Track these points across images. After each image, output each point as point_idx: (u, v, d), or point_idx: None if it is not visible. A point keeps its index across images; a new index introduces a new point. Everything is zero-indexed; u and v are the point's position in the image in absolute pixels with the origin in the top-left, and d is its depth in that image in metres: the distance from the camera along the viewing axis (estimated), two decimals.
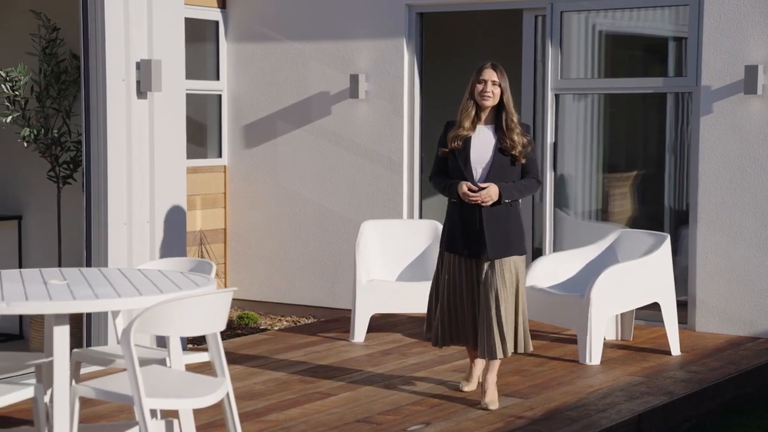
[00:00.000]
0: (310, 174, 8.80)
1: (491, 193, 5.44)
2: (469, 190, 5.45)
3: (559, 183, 8.21)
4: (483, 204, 5.47)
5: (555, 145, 8.14)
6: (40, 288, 4.25)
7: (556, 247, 8.10)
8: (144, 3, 6.51)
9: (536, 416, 5.46)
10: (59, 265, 7.28)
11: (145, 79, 6.49)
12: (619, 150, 8.96)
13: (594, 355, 6.56)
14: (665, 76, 8.21)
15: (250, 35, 9.00)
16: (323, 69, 8.69)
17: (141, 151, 6.54)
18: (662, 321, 6.90)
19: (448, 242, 5.62)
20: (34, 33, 7.26)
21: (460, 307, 5.62)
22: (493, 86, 5.50)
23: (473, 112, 5.52)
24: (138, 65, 6.49)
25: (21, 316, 7.34)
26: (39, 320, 6.71)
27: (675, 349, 6.82)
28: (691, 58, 7.55)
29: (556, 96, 8.10)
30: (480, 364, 5.88)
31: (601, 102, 8.46)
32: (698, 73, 7.49)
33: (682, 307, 7.27)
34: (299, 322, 8.64)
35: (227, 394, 4.34)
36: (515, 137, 5.47)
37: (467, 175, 5.50)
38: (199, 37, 8.87)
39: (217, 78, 9.05)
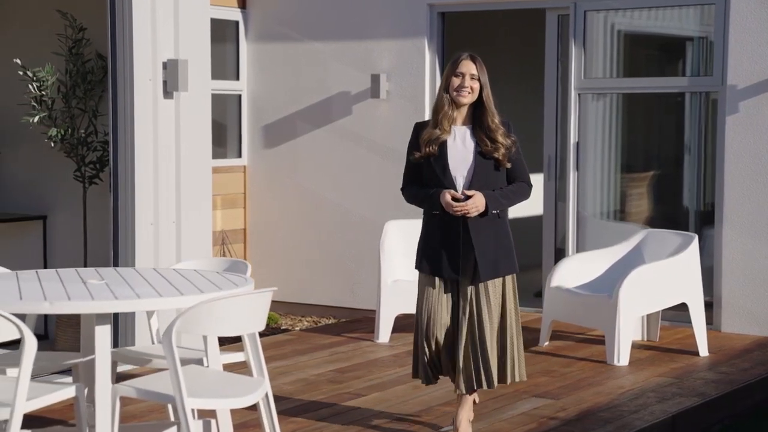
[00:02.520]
0: (331, 174, 8.78)
1: (477, 202, 4.73)
2: (454, 199, 4.75)
3: (581, 183, 8.19)
4: (468, 216, 4.75)
5: (578, 145, 8.12)
6: (80, 287, 4.23)
7: (579, 248, 8.08)
8: (170, 3, 6.50)
9: (569, 417, 5.44)
10: (85, 265, 7.27)
11: (171, 79, 6.48)
12: (639, 150, 8.94)
13: (622, 356, 6.53)
14: (688, 75, 8.19)
15: (271, 35, 8.98)
16: (344, 69, 8.68)
17: (167, 151, 6.53)
18: (687, 321, 6.89)
19: (427, 262, 4.87)
20: (61, 33, 7.25)
21: (443, 339, 4.87)
22: (471, 81, 4.77)
23: (450, 111, 4.80)
24: (165, 65, 6.48)
25: (46, 316, 7.34)
26: (66, 320, 6.70)
27: (703, 350, 6.80)
28: (717, 58, 7.53)
29: (579, 96, 8.08)
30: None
31: (620, 102, 8.43)
32: (724, 72, 7.47)
33: (707, 307, 7.23)
34: (320, 322, 8.63)
35: (266, 395, 4.32)
36: (499, 138, 4.78)
37: (447, 185, 4.78)
38: (220, 37, 8.86)
39: (237, 78, 9.03)
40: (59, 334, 6.74)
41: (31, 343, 3.82)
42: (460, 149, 4.81)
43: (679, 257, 6.74)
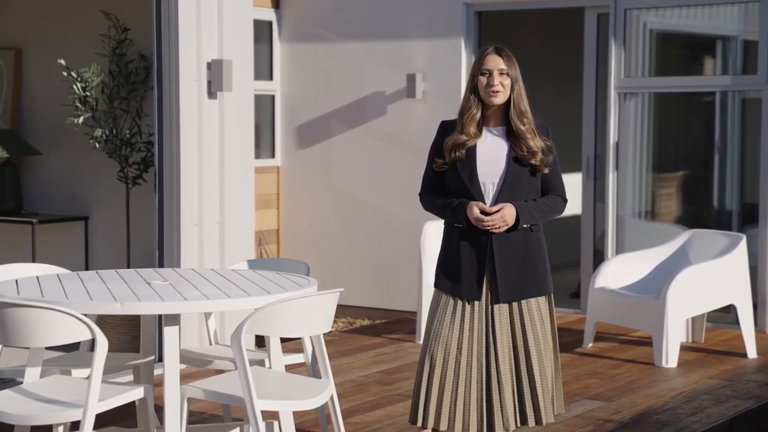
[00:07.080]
0: (365, 175, 8.74)
1: (506, 215, 4.22)
2: (483, 212, 4.24)
3: (620, 183, 8.13)
4: (494, 230, 4.25)
5: (617, 145, 8.06)
6: (146, 288, 4.19)
7: (618, 249, 8.02)
8: (214, 4, 6.47)
9: (625, 420, 5.39)
10: (128, 266, 7.24)
11: (215, 80, 6.45)
12: (676, 150, 8.88)
13: (671, 358, 6.48)
14: (729, 74, 8.12)
15: (304, 35, 8.94)
16: (379, 69, 8.63)
17: (211, 151, 6.50)
18: (730, 323, 6.83)
19: (447, 281, 4.34)
20: (104, 34, 7.22)
21: (466, 376, 4.28)
22: (501, 77, 4.24)
23: (478, 114, 4.29)
24: (209, 65, 6.44)
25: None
26: (110, 321, 6.66)
27: (751, 352, 6.74)
28: (762, 56, 7.46)
29: (618, 95, 8.02)
30: None
31: (653, 101, 8.36)
32: None
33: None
34: (354, 323, 8.58)
35: (332, 396, 4.28)
36: (531, 143, 4.26)
37: (474, 193, 4.27)
38: (253, 37, 8.81)
39: (271, 78, 8.99)
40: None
41: (102, 344, 3.79)
42: (491, 153, 4.29)
43: (727, 258, 6.68)
